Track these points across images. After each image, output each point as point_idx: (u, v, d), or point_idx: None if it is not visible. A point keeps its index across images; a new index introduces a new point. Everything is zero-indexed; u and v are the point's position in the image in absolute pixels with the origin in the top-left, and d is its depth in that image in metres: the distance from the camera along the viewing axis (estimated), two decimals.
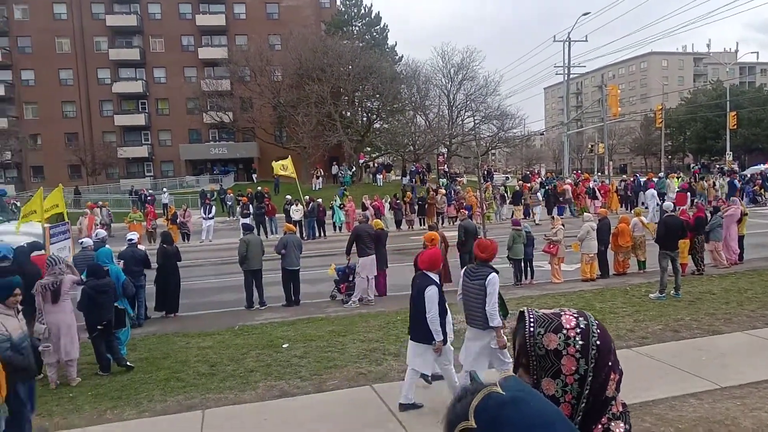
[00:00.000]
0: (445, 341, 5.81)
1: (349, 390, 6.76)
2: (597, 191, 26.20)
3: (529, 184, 28.88)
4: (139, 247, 10.86)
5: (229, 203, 31.45)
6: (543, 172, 53.03)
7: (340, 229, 24.10)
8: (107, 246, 9.89)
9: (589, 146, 49.91)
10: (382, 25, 55.04)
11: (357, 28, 54.07)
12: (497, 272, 5.81)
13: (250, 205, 24.63)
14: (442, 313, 5.76)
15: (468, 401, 0.95)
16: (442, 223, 23.03)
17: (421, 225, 24.36)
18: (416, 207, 24.99)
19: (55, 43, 49.74)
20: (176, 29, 51.34)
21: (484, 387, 0.96)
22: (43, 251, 9.52)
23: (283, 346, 8.52)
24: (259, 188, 29.68)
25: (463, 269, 6.13)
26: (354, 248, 11.47)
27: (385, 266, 12.10)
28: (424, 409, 6.05)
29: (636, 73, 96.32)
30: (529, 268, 12.77)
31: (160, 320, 10.85)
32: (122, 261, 9.72)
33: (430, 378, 6.52)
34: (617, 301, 10.54)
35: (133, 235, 11.03)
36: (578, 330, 1.28)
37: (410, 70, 49.42)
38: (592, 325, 1.30)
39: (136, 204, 31.35)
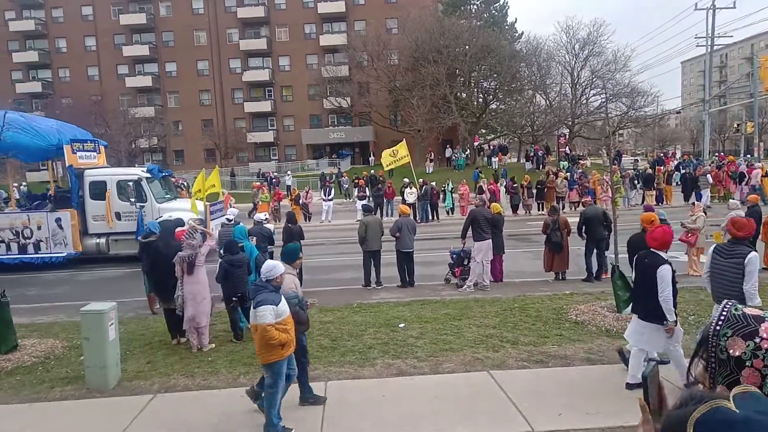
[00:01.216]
0: (675, 321, 5.84)
1: (466, 374, 6.72)
2: (746, 175, 23.43)
3: (662, 168, 26.58)
4: (266, 225, 11.64)
5: (345, 186, 32.51)
6: (678, 154, 48.47)
7: (452, 212, 23.93)
8: (241, 224, 10.69)
9: (735, 125, 44.62)
10: (501, 2, 53.20)
11: (475, 7, 52.74)
12: (756, 250, 5.79)
13: (367, 188, 25.27)
14: (674, 293, 5.82)
15: (689, 410, 0.82)
16: (563, 209, 21.98)
17: (539, 210, 23.45)
18: (534, 191, 24.09)
19: (193, 36, 54.41)
20: (300, 18, 53.70)
21: (712, 398, 0.83)
22: (185, 227, 10.46)
23: (400, 325, 8.67)
24: (372, 171, 30.26)
25: (713, 247, 6.01)
26: (470, 232, 11.33)
27: (502, 252, 11.82)
28: (551, 397, 5.85)
29: None
30: None
31: None
32: (255, 238, 10.45)
33: (655, 358, 6.38)
34: (767, 299, 9.40)
35: (263, 215, 11.87)
36: None
37: (531, 47, 47.51)
38: None
39: (263, 185, 33.47)
